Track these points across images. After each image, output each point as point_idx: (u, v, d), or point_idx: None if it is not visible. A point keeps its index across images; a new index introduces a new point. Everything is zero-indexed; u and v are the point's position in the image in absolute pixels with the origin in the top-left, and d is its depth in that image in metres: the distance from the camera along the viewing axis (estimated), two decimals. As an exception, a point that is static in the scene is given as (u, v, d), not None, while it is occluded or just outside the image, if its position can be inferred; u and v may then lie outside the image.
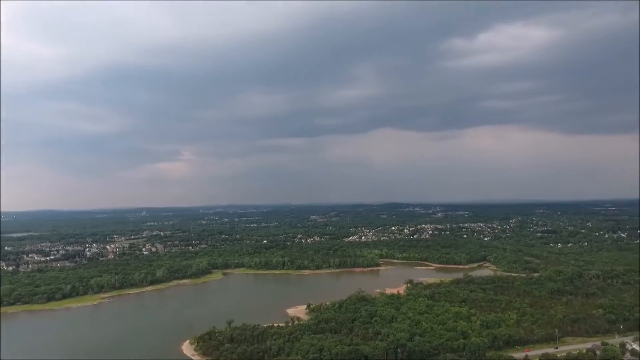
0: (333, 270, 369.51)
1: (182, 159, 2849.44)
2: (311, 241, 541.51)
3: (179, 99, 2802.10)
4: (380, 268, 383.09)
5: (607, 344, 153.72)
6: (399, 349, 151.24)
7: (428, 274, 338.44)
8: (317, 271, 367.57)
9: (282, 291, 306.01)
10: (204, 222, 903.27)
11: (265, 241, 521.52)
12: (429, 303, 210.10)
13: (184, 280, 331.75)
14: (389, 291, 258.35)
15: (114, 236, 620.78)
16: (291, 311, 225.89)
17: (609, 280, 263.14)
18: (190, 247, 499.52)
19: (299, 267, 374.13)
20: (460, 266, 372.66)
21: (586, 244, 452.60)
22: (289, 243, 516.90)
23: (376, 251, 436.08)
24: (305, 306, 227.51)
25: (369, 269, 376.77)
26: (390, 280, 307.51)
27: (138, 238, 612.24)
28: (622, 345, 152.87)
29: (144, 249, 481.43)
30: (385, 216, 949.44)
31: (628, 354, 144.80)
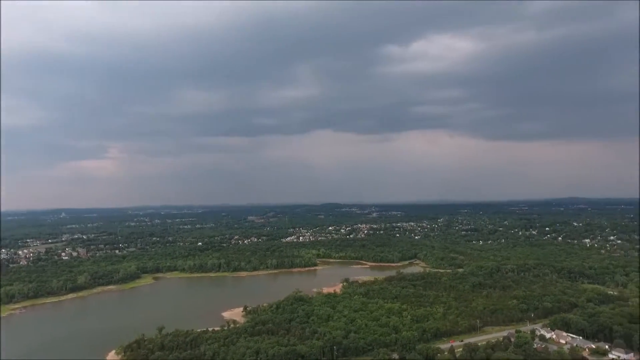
0: (271, 271, 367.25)
1: (108, 156, 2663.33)
2: (248, 242, 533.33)
3: (106, 92, 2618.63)
4: (317, 268, 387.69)
5: (520, 331, 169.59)
6: (334, 347, 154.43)
7: (363, 273, 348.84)
8: (255, 272, 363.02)
9: (217, 294, 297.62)
10: (132, 223, 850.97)
11: (200, 243, 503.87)
12: (363, 300, 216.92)
13: (110, 287, 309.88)
14: (325, 290, 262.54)
15: (28, 240, 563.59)
16: (227, 314, 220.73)
17: (522, 274, 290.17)
18: (117, 251, 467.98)
19: (235, 269, 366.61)
20: (393, 264, 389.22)
21: (503, 240, 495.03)
22: (225, 244, 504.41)
23: (313, 251, 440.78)
24: (241, 309, 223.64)
25: (307, 269, 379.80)
26: (327, 280, 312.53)
27: (56, 242, 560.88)
28: (533, 332, 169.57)
29: (63, 254, 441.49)
30: (322, 216, 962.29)
31: (537, 339, 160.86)
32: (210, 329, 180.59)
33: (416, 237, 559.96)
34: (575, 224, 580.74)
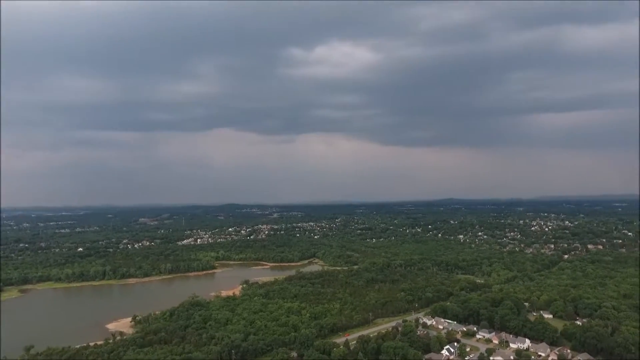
0: (165, 277, 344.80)
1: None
2: (139, 246, 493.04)
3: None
4: (216, 271, 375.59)
5: (406, 320, 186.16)
6: (233, 351, 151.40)
7: (264, 273, 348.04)
8: (146, 279, 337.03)
9: (101, 305, 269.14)
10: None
11: (80, 249, 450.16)
12: (263, 301, 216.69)
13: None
14: (224, 293, 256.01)
15: None
16: (113, 326, 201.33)
17: (409, 268, 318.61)
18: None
19: (123, 276, 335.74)
20: (293, 263, 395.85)
21: (393, 238, 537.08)
22: (111, 249, 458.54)
23: (212, 253, 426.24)
24: (130, 319, 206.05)
25: (205, 272, 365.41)
26: (227, 282, 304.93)
27: None
28: (417, 320, 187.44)
29: None
30: (222, 218, 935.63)
31: (420, 327, 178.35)
32: (92, 344, 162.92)
33: (315, 237, 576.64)
34: (452, 222, 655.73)
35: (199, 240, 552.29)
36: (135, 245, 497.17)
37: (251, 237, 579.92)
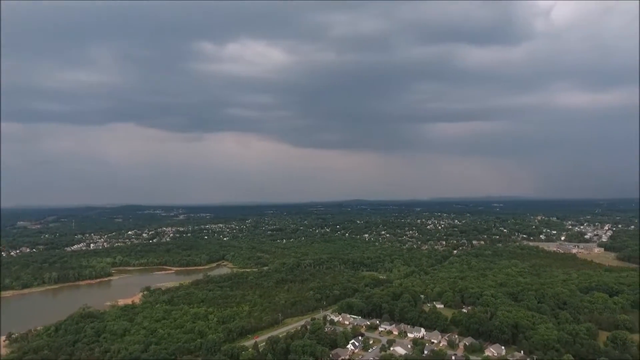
0: (50, 287, 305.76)
1: None
2: (17, 254, 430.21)
3: None
4: (112, 278, 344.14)
5: (315, 319, 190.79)
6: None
7: (168, 278, 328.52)
8: (26, 290, 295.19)
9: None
10: None
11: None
12: (167, 308, 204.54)
13: None
14: (122, 302, 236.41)
15: None
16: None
17: (318, 267, 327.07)
18: None
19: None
20: (201, 267, 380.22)
21: (303, 238, 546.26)
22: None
23: (108, 259, 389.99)
24: (4, 337, 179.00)
25: (99, 280, 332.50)
26: (125, 290, 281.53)
27: None
28: (325, 317, 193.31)
29: None
30: (121, 220, 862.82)
31: (328, 324, 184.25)
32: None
33: (225, 239, 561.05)
34: (358, 222, 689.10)
35: (92, 245, 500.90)
36: (12, 253, 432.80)
37: (154, 240, 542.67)
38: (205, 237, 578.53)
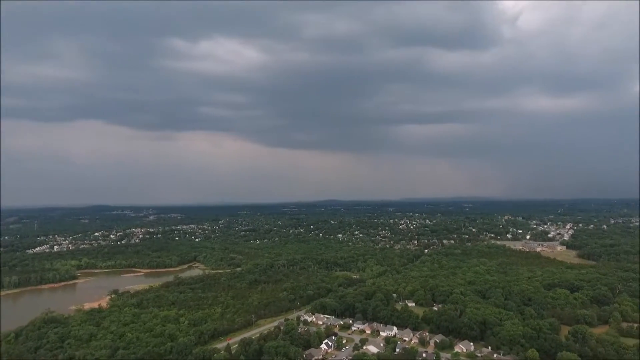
0: (9, 292, 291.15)
1: None
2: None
3: None
4: (78, 281, 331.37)
5: (288, 319, 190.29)
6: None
7: (137, 281, 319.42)
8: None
9: None
10: None
11: None
12: (135, 312, 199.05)
13: None
14: (88, 306, 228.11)
15: None
16: None
17: (291, 267, 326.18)
18: None
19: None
20: (172, 269, 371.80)
21: (277, 239, 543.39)
22: None
23: (73, 262, 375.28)
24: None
25: (63, 283, 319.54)
26: (91, 293, 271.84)
27: None
28: (298, 318, 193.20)
29: None
30: (87, 221, 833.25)
31: (301, 324, 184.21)
32: None
33: (197, 240, 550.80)
34: (332, 222, 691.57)
35: (56, 247, 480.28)
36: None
37: (122, 241, 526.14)
38: (177, 238, 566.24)
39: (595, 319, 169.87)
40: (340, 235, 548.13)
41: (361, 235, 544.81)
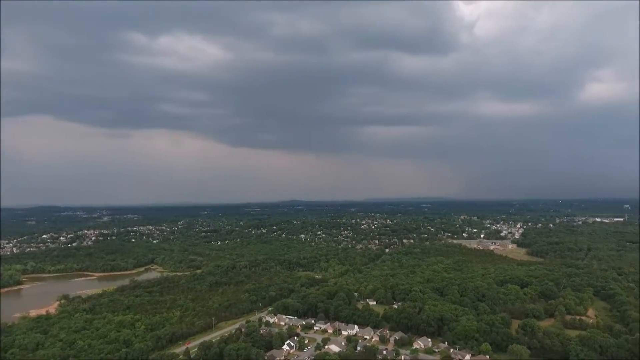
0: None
1: None
2: None
3: None
4: (23, 286, 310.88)
5: (250, 321, 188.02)
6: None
7: (89, 285, 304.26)
8: None
9: None
10: None
11: None
12: (87, 318, 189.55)
13: None
14: (34, 313, 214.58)
15: None
16: None
17: (254, 268, 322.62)
18: None
19: None
20: (127, 272, 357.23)
21: (239, 239, 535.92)
22: None
23: (18, 266, 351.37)
24: None
25: (6, 289, 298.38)
26: (38, 299, 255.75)
27: None
28: (260, 319, 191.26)
29: None
30: (34, 222, 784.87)
31: (263, 325, 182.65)
32: None
33: (154, 241, 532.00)
34: (295, 222, 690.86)
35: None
36: None
37: (73, 244, 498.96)
38: (133, 240, 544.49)
39: (542, 313, 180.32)
40: (303, 236, 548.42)
41: (324, 235, 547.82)
